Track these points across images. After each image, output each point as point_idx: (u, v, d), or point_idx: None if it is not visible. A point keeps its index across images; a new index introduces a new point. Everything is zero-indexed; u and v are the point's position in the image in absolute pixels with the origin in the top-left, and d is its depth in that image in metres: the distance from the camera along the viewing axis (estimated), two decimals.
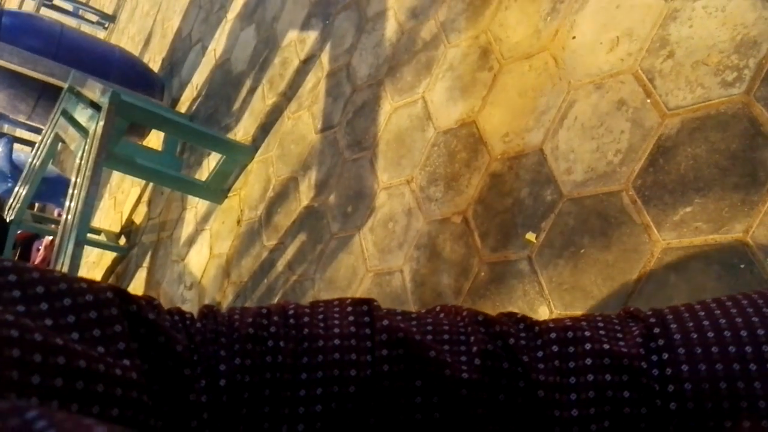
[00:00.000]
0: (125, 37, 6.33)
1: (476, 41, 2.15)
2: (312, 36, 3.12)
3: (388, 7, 2.66)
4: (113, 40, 6.42)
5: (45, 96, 4.02)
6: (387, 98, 2.46)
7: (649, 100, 1.57)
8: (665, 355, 0.40)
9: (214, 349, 0.41)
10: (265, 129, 3.20)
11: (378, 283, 2.14)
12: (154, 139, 4.35)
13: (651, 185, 1.50)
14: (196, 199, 3.48)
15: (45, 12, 6.23)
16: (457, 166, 2.03)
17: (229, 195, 3.28)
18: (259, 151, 3.17)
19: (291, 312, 0.46)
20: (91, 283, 0.37)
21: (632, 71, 1.64)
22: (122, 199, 4.65)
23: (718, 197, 1.37)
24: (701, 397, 0.38)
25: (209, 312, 0.45)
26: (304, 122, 2.90)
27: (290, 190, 2.80)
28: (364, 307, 0.46)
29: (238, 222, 3.09)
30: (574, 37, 1.83)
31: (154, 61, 5.17)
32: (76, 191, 2.60)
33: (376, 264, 2.19)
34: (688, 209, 1.42)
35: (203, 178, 3.39)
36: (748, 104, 1.38)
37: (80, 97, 3.18)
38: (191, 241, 3.44)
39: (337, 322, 0.45)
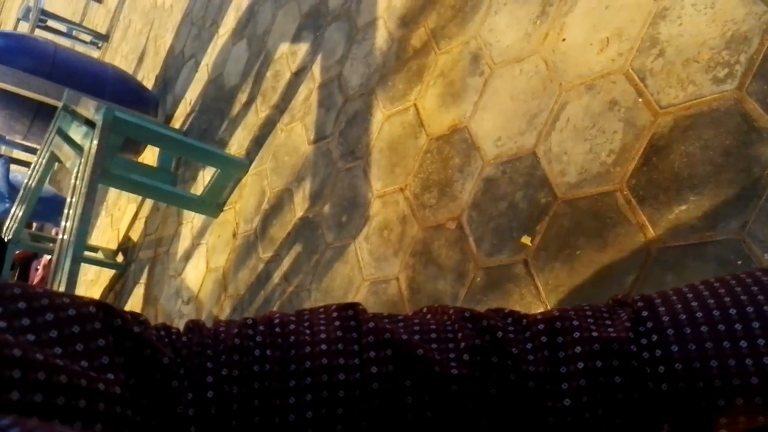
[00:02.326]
0: (119, 56, 6.35)
1: (466, 47, 2.15)
2: (303, 48, 3.12)
3: (377, 17, 2.66)
4: (107, 59, 6.44)
5: (40, 116, 4.03)
6: (379, 107, 2.45)
7: (640, 100, 1.57)
8: (654, 337, 0.39)
9: (200, 361, 0.41)
10: (258, 142, 3.19)
11: (374, 291, 2.13)
12: (149, 156, 4.35)
13: (645, 184, 1.49)
14: (192, 213, 3.47)
15: (39, 33, 6.25)
16: (451, 172, 2.02)
17: (224, 209, 3.27)
18: (254, 164, 3.16)
19: (276, 321, 0.45)
20: (73, 298, 0.37)
21: (623, 71, 1.63)
22: (119, 216, 4.64)
23: (713, 194, 1.36)
24: (692, 377, 0.37)
25: (195, 326, 0.45)
26: (297, 134, 2.89)
27: (285, 201, 2.79)
28: (350, 311, 0.46)
29: (234, 235, 3.07)
30: (564, 40, 1.82)
31: (147, 78, 5.18)
32: (72, 210, 2.59)
33: (371, 272, 2.18)
34: (683, 207, 1.40)
35: (198, 193, 3.38)
36: (741, 100, 1.37)
37: (75, 116, 3.19)
38: (188, 256, 3.43)
39: (323, 327, 0.44)
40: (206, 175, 3.50)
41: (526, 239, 1.71)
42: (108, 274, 4.36)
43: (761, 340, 0.37)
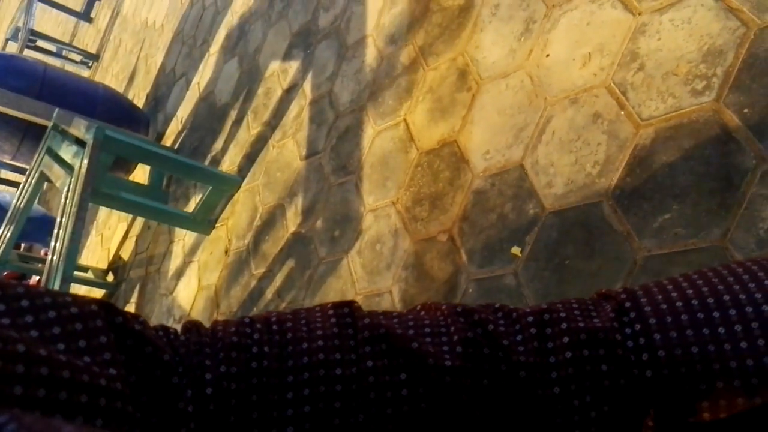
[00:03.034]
0: (109, 75, 6.36)
1: (454, 63, 2.20)
2: (294, 65, 3.16)
3: (367, 35, 2.71)
4: (97, 79, 6.45)
5: (29, 135, 4.02)
6: (370, 122, 2.49)
7: (623, 112, 1.61)
8: (638, 327, 0.41)
9: (198, 359, 0.42)
10: (250, 158, 3.22)
11: (367, 305, 2.15)
12: (140, 174, 4.36)
13: (629, 194, 1.54)
14: (184, 231, 3.49)
15: (28, 53, 6.26)
16: (441, 185, 2.06)
17: (216, 225, 3.29)
18: (245, 181, 3.19)
19: (274, 319, 0.46)
20: (75, 297, 0.38)
21: (605, 85, 1.68)
22: (109, 235, 4.64)
23: (695, 203, 1.40)
24: (675, 363, 0.40)
25: (192, 326, 0.46)
26: (289, 150, 2.93)
27: (277, 217, 2.81)
28: (345, 309, 0.47)
29: (226, 252, 3.09)
30: (548, 55, 1.87)
31: (138, 97, 5.20)
32: (61, 230, 2.60)
33: (365, 286, 2.20)
34: (667, 216, 1.45)
35: (190, 210, 3.39)
36: (719, 111, 1.42)
37: (65, 135, 3.19)
38: (179, 274, 3.44)
39: (319, 324, 0.46)
40: (198, 193, 3.52)
41: (515, 250, 1.75)
42: (98, 294, 4.35)
43: (738, 326, 0.39)
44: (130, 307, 3.82)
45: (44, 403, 0.31)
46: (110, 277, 4.32)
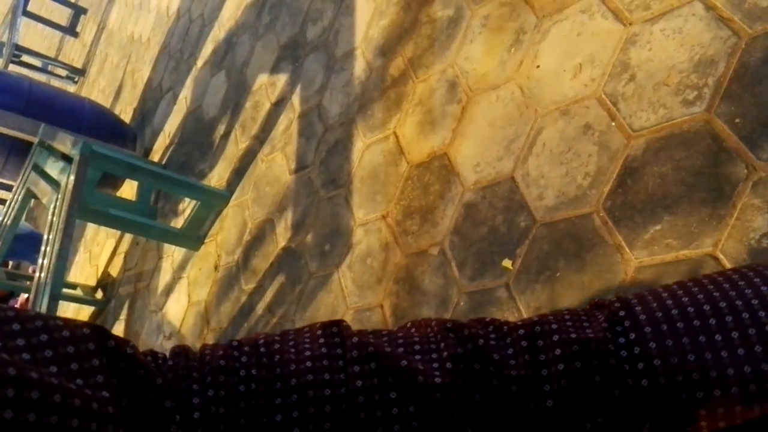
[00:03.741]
0: (96, 90, 6.34)
1: (444, 75, 2.19)
2: (282, 79, 3.15)
3: (355, 47, 2.70)
4: (84, 94, 6.43)
5: (15, 152, 3.99)
6: (359, 135, 2.48)
7: (613, 123, 1.61)
8: (632, 335, 0.41)
9: (186, 384, 0.41)
10: (239, 173, 3.20)
11: (359, 319, 2.13)
12: (128, 189, 4.33)
13: (621, 206, 1.53)
14: (173, 247, 3.46)
15: (13, 68, 6.22)
16: (432, 198, 2.04)
17: (205, 241, 3.26)
18: (234, 195, 3.16)
19: (261, 341, 0.46)
20: (67, 320, 0.37)
21: (596, 96, 1.67)
22: (97, 252, 4.60)
23: (686, 213, 1.40)
24: (671, 372, 0.39)
25: (180, 351, 0.45)
26: (277, 164, 2.91)
27: (267, 232, 2.79)
28: (334, 328, 0.47)
29: (216, 267, 3.07)
30: (538, 66, 1.87)
31: (125, 112, 5.18)
32: (49, 247, 2.57)
33: (355, 301, 2.19)
34: (658, 227, 1.44)
35: (179, 226, 3.37)
36: (710, 121, 1.42)
37: (51, 151, 3.17)
38: (169, 290, 3.40)
39: (308, 345, 0.45)
40: (186, 208, 3.49)
41: (507, 263, 1.73)
42: (87, 311, 4.31)
43: (735, 332, 0.38)
44: (120, 324, 3.79)
45: (35, 427, 0.30)
46: (99, 294, 4.27)
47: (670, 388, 0.39)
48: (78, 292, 4.30)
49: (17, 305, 4.94)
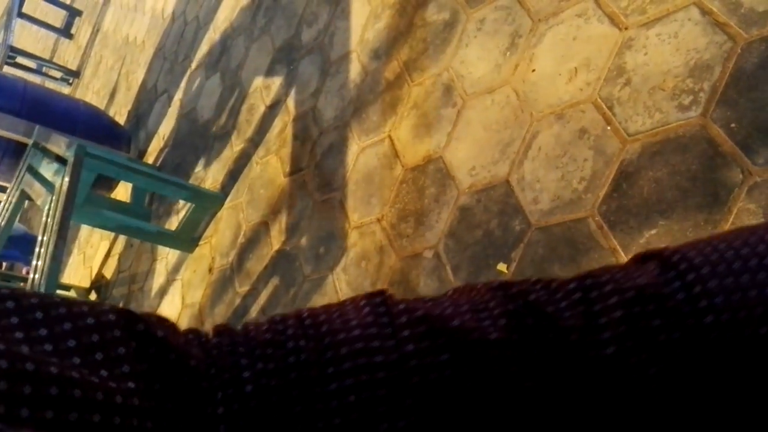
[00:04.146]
0: (90, 92, 6.32)
1: (439, 79, 2.19)
2: (277, 81, 3.15)
3: (351, 50, 2.69)
4: (78, 96, 6.41)
5: (9, 153, 3.98)
6: (354, 139, 2.47)
7: (609, 128, 1.61)
8: (690, 276, 0.40)
9: (234, 359, 0.40)
10: (233, 175, 3.20)
11: None
12: (123, 191, 4.32)
13: (616, 210, 1.53)
14: (167, 249, 3.45)
15: (8, 70, 6.20)
16: (427, 202, 2.04)
17: (199, 243, 3.25)
18: (229, 198, 3.16)
19: (305, 314, 0.45)
20: (92, 305, 0.36)
21: (592, 100, 1.67)
22: (91, 253, 4.59)
23: (681, 218, 1.40)
24: (734, 308, 0.39)
25: (224, 329, 0.44)
26: (272, 166, 2.90)
27: (261, 234, 2.78)
28: (378, 298, 0.46)
29: (210, 270, 3.06)
30: (533, 70, 1.87)
31: (119, 114, 5.16)
32: (43, 248, 2.56)
33: None
34: (653, 232, 1.44)
35: (173, 228, 3.36)
36: (706, 126, 1.41)
37: (46, 152, 3.16)
38: (163, 292, 3.39)
39: (353, 315, 0.44)
40: (181, 210, 3.48)
41: (502, 267, 1.73)
42: None
43: None
44: None
45: (54, 424, 0.29)
46: (93, 296, 4.26)
47: (734, 324, 0.39)
48: (72, 293, 4.28)
49: None
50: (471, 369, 0.41)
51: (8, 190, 3.46)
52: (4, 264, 5.55)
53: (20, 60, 6.74)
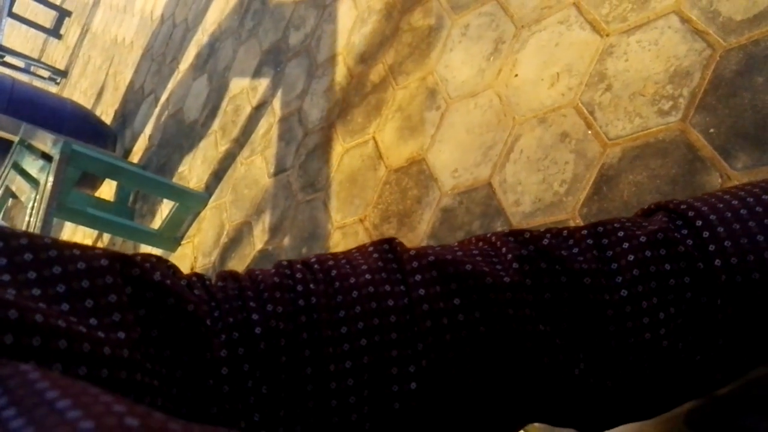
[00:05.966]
0: (77, 92, 6.29)
1: (423, 82, 2.20)
2: (264, 83, 3.15)
3: (337, 53, 2.70)
4: (66, 95, 6.38)
5: None
6: (338, 140, 2.48)
7: (590, 132, 1.62)
8: (699, 222, 0.41)
9: (241, 303, 0.40)
10: (218, 175, 3.19)
11: None
12: (107, 190, 4.30)
13: (596, 213, 1.54)
14: (149, 247, 3.43)
15: None
16: (409, 203, 2.05)
17: (182, 242, 3.24)
18: (213, 198, 3.15)
19: (314, 260, 0.44)
20: (84, 249, 0.34)
21: (573, 105, 1.69)
22: None
23: None
24: (742, 251, 0.39)
25: (228, 274, 0.44)
26: (257, 167, 2.90)
27: (244, 234, 2.78)
28: (386, 245, 0.45)
29: (192, 269, 3.04)
30: (516, 75, 1.88)
31: (106, 113, 5.14)
32: None
33: None
34: None
35: (156, 227, 3.35)
36: (685, 131, 1.43)
37: (31, 149, 3.14)
38: None
39: (362, 260, 0.44)
40: (164, 209, 3.47)
41: None
42: None
43: None
44: None
45: None
46: None
47: (743, 267, 0.39)
48: None
49: None
50: (484, 313, 0.41)
51: None
52: None
53: (8, 59, 6.71)
